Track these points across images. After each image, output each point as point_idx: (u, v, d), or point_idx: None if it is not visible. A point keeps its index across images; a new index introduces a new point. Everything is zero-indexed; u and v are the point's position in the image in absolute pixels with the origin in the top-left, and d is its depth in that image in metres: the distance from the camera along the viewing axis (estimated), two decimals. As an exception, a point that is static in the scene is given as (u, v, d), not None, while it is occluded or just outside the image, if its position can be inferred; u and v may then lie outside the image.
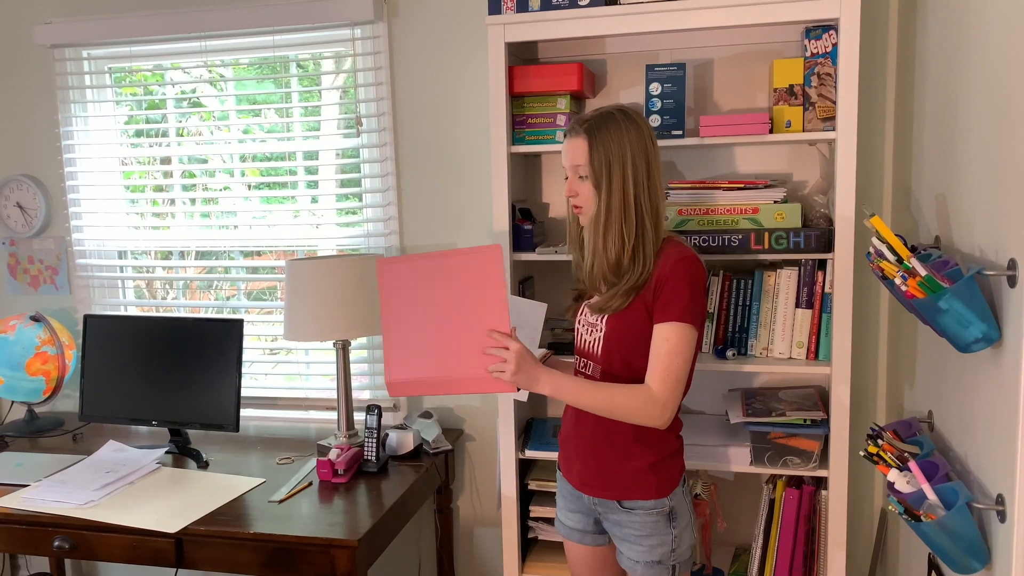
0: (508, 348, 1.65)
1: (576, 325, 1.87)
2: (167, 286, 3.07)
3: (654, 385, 1.65)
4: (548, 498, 2.37)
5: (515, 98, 2.24)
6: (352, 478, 2.30)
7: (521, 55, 2.37)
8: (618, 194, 1.67)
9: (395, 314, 1.76)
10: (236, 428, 2.46)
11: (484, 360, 1.68)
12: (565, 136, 1.76)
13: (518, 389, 1.69)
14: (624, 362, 1.73)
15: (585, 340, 1.82)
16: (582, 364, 1.84)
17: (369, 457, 2.34)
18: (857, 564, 2.43)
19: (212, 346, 2.50)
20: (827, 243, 2.04)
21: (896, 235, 1.52)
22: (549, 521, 2.36)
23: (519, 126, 2.24)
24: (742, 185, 2.13)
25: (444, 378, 1.72)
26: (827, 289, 2.10)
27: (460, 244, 2.63)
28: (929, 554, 1.77)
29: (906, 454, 1.56)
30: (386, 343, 1.76)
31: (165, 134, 2.91)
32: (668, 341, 1.65)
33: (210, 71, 2.80)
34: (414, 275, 1.73)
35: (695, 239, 2.09)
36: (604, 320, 1.75)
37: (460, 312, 1.70)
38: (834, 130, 2.02)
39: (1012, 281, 1.28)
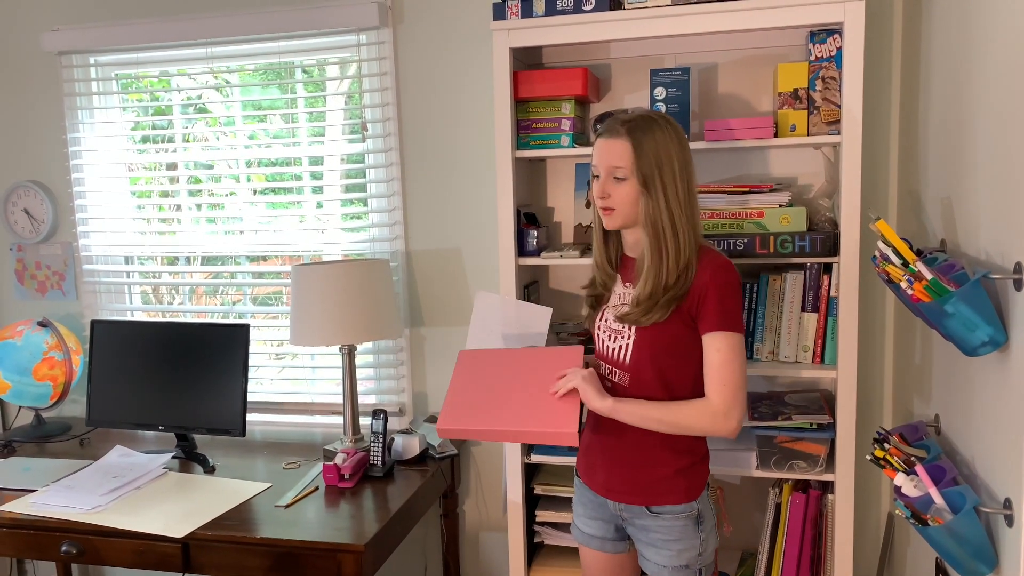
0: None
1: (595, 331, 1.84)
2: (173, 291, 3.08)
3: (713, 397, 1.66)
4: (554, 503, 2.36)
5: (520, 103, 2.24)
6: (358, 483, 2.30)
7: (526, 60, 2.38)
8: (662, 200, 1.65)
9: (463, 380, 1.88)
10: (242, 433, 2.47)
11: (543, 416, 1.73)
12: (598, 136, 1.74)
13: (580, 437, 1.72)
14: (656, 372, 1.71)
15: (608, 347, 1.79)
16: (608, 371, 1.80)
17: (375, 462, 2.35)
18: (864, 568, 2.43)
19: (218, 351, 2.51)
20: (832, 247, 2.04)
21: (902, 239, 1.52)
22: (555, 526, 2.36)
23: (524, 131, 2.24)
24: (747, 189, 2.13)
25: (497, 430, 1.77)
26: (833, 293, 2.09)
27: (465, 248, 2.63)
28: (936, 558, 1.76)
29: (913, 458, 1.56)
30: (448, 400, 1.86)
31: (171, 140, 2.93)
32: (720, 352, 1.65)
33: (216, 77, 2.81)
34: (494, 357, 1.89)
35: (700, 243, 2.09)
36: (634, 329, 1.73)
37: (531, 380, 1.80)
38: (839, 134, 2.02)
39: (1018, 285, 1.28)
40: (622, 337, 1.75)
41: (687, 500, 1.73)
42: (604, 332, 1.81)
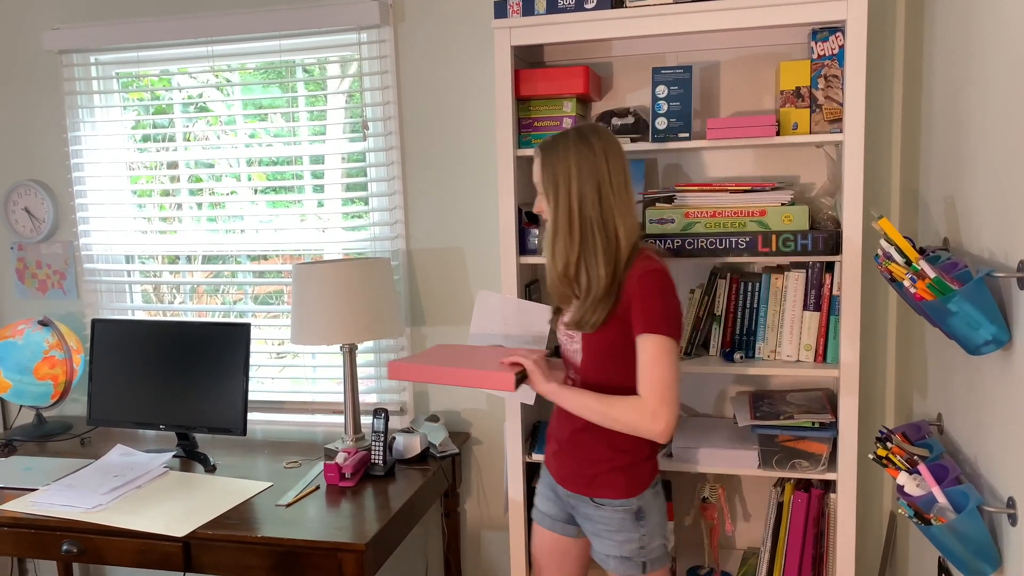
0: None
1: (558, 334, 1.93)
2: (174, 290, 3.07)
3: (646, 393, 1.70)
4: (555, 502, 2.36)
5: (521, 101, 2.24)
6: (359, 482, 2.30)
7: (527, 58, 2.37)
8: (563, 210, 1.75)
9: (430, 353, 1.98)
10: (243, 432, 2.47)
11: (486, 367, 1.80)
12: None
13: (516, 387, 1.76)
14: (603, 377, 1.80)
15: (567, 349, 1.89)
16: (571, 373, 1.89)
17: (376, 461, 2.34)
18: (866, 567, 2.42)
19: (219, 350, 2.50)
20: (835, 245, 2.03)
21: (904, 237, 1.51)
22: (556, 525, 2.35)
23: (525, 129, 2.24)
24: (749, 187, 2.13)
25: (447, 371, 1.82)
26: (835, 291, 2.09)
27: (466, 247, 2.63)
28: (939, 557, 1.76)
29: (916, 457, 1.55)
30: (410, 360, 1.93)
31: (172, 139, 2.92)
32: (645, 352, 1.70)
33: (217, 76, 2.81)
34: (464, 348, 2.00)
35: (702, 242, 2.09)
36: (581, 334, 1.81)
37: (487, 354, 1.93)
38: (841, 132, 2.01)
39: (1022, 283, 1.27)
40: (574, 342, 1.84)
41: (626, 496, 1.80)
42: (563, 335, 1.90)
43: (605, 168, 1.74)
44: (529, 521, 2.34)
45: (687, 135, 2.14)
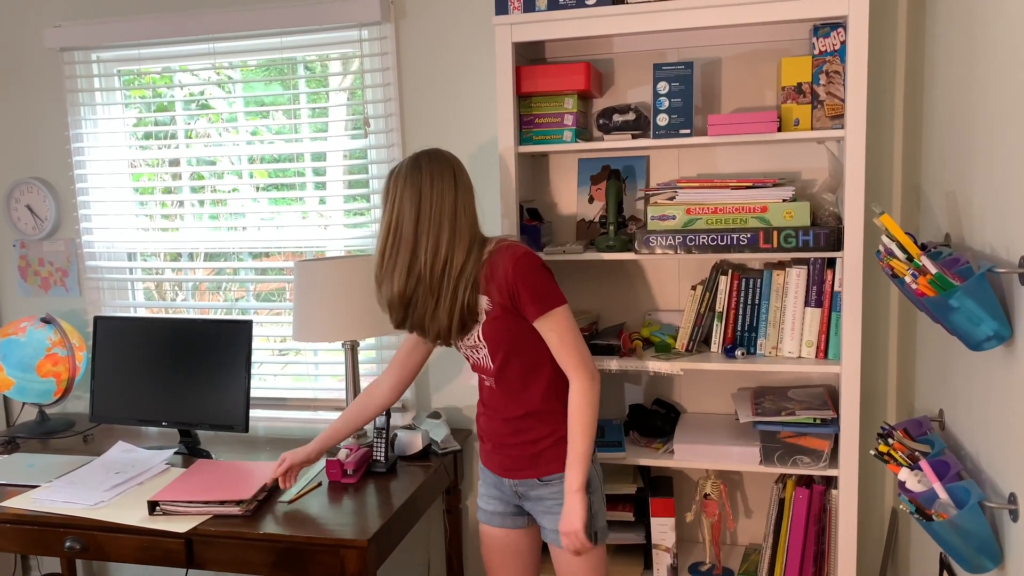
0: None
1: (460, 350, 1.95)
2: (176, 288, 3.08)
3: (573, 371, 1.81)
4: (557, 498, 2.36)
5: (522, 98, 2.24)
6: (361, 478, 2.31)
7: (528, 55, 2.37)
8: (384, 227, 1.83)
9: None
10: (245, 429, 2.47)
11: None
12: None
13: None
14: (518, 367, 1.87)
15: (475, 359, 1.93)
16: (485, 380, 1.95)
17: (378, 457, 2.35)
18: (868, 564, 2.42)
19: (221, 347, 2.51)
20: (836, 241, 2.03)
21: (906, 233, 1.51)
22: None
23: (527, 126, 2.24)
24: (750, 184, 2.12)
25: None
26: (836, 288, 2.09)
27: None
28: (940, 553, 1.76)
29: (917, 453, 1.55)
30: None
31: (174, 136, 2.92)
32: (553, 331, 1.80)
33: (218, 73, 2.81)
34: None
35: (703, 238, 2.09)
36: (482, 340, 1.86)
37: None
38: (843, 128, 2.01)
39: (1024, 279, 1.27)
40: (480, 349, 1.89)
41: None
42: (465, 349, 1.93)
43: (428, 191, 1.80)
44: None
45: (688, 131, 2.13)
